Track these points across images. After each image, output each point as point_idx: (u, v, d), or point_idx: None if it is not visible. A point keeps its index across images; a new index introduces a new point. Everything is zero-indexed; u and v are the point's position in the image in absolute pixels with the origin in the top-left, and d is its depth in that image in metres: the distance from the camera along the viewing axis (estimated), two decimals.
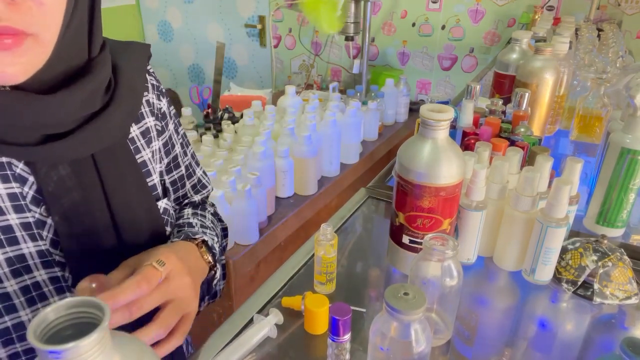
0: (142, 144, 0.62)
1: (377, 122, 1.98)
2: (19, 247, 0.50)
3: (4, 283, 0.49)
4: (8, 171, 0.50)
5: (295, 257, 0.76)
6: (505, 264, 0.74)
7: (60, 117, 0.48)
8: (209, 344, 0.59)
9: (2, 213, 0.49)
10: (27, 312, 0.50)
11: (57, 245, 0.52)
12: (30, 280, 0.51)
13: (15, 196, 0.50)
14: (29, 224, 0.51)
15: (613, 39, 1.57)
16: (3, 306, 0.49)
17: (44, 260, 0.51)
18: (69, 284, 0.53)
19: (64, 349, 0.32)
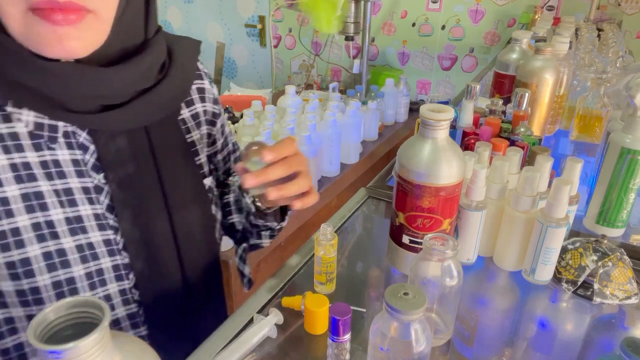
0: (192, 125, 0.69)
1: (377, 122, 1.98)
2: (77, 209, 0.55)
3: (61, 239, 0.54)
4: (72, 139, 0.55)
5: (295, 257, 0.76)
6: (505, 264, 0.74)
7: (117, 89, 0.54)
8: (209, 344, 0.59)
9: (65, 176, 0.54)
10: (79, 268, 0.55)
11: (111, 211, 0.57)
12: (85, 240, 0.55)
13: (78, 162, 0.56)
14: (88, 189, 0.56)
15: (613, 39, 1.57)
16: (59, 260, 0.53)
17: (99, 223, 0.56)
18: (120, 247, 0.58)
19: (64, 349, 0.32)
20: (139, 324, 0.62)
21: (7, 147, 0.52)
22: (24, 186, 0.52)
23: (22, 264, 0.52)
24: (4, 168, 0.51)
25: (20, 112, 0.52)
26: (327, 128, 1.58)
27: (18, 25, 0.47)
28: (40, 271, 0.52)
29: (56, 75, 0.50)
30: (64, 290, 0.54)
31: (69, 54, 0.49)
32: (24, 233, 0.52)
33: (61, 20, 0.46)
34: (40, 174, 0.53)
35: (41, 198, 0.53)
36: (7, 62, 0.49)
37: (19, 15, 0.46)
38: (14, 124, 0.52)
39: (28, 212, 0.52)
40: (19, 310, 0.53)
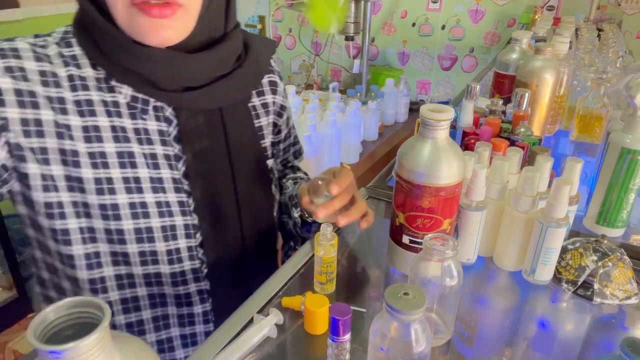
0: (261, 112, 0.78)
1: (377, 122, 1.98)
2: (160, 172, 0.65)
3: (144, 194, 0.64)
4: (160, 113, 0.66)
5: (295, 257, 0.76)
6: (505, 264, 0.74)
7: (198, 73, 0.65)
8: (209, 344, 0.59)
9: (152, 143, 0.65)
10: (156, 221, 0.65)
11: (186, 177, 0.67)
12: (164, 198, 0.65)
13: (162, 132, 0.66)
14: (169, 156, 0.66)
15: (613, 39, 1.57)
16: (141, 211, 0.63)
17: (176, 186, 0.66)
18: (191, 209, 0.67)
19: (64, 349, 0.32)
20: (200, 279, 0.70)
21: (110, 112, 0.63)
22: (119, 145, 0.63)
23: (112, 208, 0.62)
24: (106, 128, 0.62)
25: (121, 86, 0.63)
26: (327, 128, 1.58)
27: (122, 16, 0.57)
28: (126, 217, 0.63)
29: (151, 59, 0.60)
30: (143, 237, 0.64)
31: (163, 42, 0.59)
32: (115, 183, 0.62)
33: (157, 14, 0.56)
34: (133, 138, 0.64)
35: (132, 157, 0.63)
36: (114, 47, 0.60)
37: (123, 7, 0.56)
38: (116, 94, 0.63)
39: (121, 167, 0.62)
40: (106, 246, 0.63)
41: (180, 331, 0.71)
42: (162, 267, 0.66)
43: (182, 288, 0.69)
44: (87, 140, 0.61)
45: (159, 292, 0.68)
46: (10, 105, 0.57)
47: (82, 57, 0.62)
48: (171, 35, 0.59)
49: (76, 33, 0.63)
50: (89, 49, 0.62)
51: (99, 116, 0.62)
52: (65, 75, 0.61)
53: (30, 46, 0.60)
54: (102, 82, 0.63)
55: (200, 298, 0.71)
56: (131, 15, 0.57)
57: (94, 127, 0.61)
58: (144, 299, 0.68)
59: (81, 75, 0.62)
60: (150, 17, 0.56)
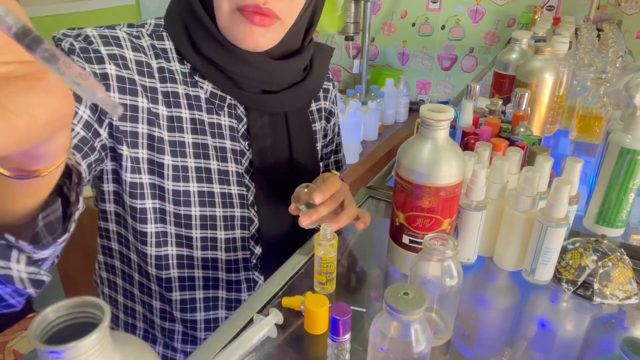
0: (316, 117, 0.83)
1: (377, 122, 1.98)
2: (227, 164, 0.70)
3: (213, 185, 0.69)
4: (233, 110, 0.71)
5: (295, 257, 0.76)
6: (505, 264, 0.74)
7: (278, 79, 0.70)
8: (208, 344, 0.59)
9: (223, 137, 0.70)
10: (220, 209, 0.70)
11: (248, 172, 0.72)
12: (228, 190, 0.70)
13: (233, 128, 0.71)
14: (237, 151, 0.71)
15: (613, 39, 1.57)
16: (208, 200, 0.68)
17: (239, 180, 0.71)
18: (249, 203, 0.73)
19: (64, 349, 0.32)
20: (249, 268, 0.76)
21: (192, 105, 0.67)
22: (197, 137, 0.67)
23: (184, 194, 0.67)
24: (187, 120, 0.67)
25: (203, 81, 0.68)
26: None
27: (225, 19, 0.62)
28: (194, 204, 0.67)
29: (244, 60, 0.65)
30: (207, 223, 0.69)
31: (256, 47, 0.64)
32: (190, 172, 0.67)
33: (258, 22, 0.61)
34: (208, 131, 0.68)
35: (206, 149, 0.68)
36: (209, 45, 0.65)
37: (228, 11, 0.61)
38: (198, 89, 0.68)
39: (195, 157, 0.67)
40: (173, 228, 0.68)
41: (227, 314, 0.77)
42: (219, 253, 0.72)
43: (233, 275, 0.75)
44: (170, 129, 0.66)
45: (213, 275, 0.73)
46: (114, 91, 0.61)
47: (172, 51, 0.67)
48: (264, 42, 0.64)
49: (168, 27, 0.67)
50: (181, 44, 0.66)
51: (182, 108, 0.67)
52: (156, 67, 0.65)
53: (128, 36, 0.64)
54: (187, 77, 0.68)
55: (247, 286, 0.77)
56: (234, 19, 0.61)
57: (178, 117, 0.66)
58: (199, 280, 0.73)
59: (169, 68, 0.66)
60: (251, 24, 0.61)
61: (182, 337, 0.77)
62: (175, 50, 0.67)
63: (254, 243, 0.75)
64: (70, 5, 2.17)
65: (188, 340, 0.77)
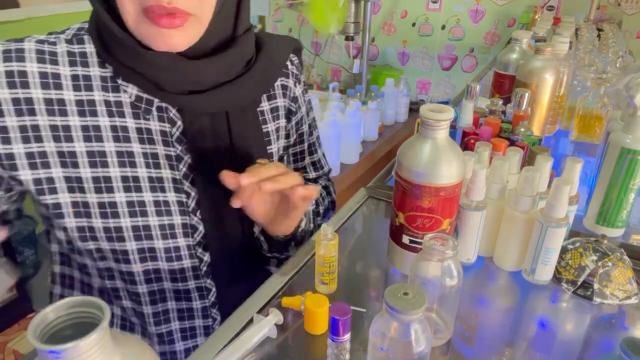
0: (270, 117, 0.77)
1: (377, 122, 1.98)
2: (160, 171, 0.66)
3: (142, 193, 0.65)
4: (164, 114, 0.66)
5: (295, 257, 0.76)
6: (505, 264, 0.74)
7: (202, 78, 0.64)
8: (209, 344, 0.59)
9: (154, 143, 0.65)
10: (154, 219, 0.66)
11: (187, 178, 0.67)
12: (163, 197, 0.66)
13: (165, 133, 0.66)
14: (171, 156, 0.66)
15: (613, 39, 1.57)
16: (139, 209, 0.64)
17: (176, 186, 0.67)
18: (189, 210, 0.68)
19: (63, 349, 0.32)
20: (199, 276, 0.71)
21: (112, 112, 0.63)
22: (120, 145, 0.63)
23: (110, 206, 0.63)
24: (107, 128, 0.63)
25: (127, 85, 0.63)
26: (327, 128, 1.58)
27: (132, 22, 0.57)
28: (124, 215, 0.64)
29: (155, 63, 0.61)
30: (141, 234, 0.65)
31: (171, 49, 0.59)
32: (114, 182, 0.63)
33: (166, 23, 0.56)
34: (135, 137, 0.64)
35: (132, 157, 0.64)
36: (120, 49, 0.60)
37: (134, 13, 0.56)
38: (121, 94, 0.64)
39: (120, 166, 0.63)
40: (106, 244, 0.65)
41: (180, 325, 0.73)
42: (161, 263, 0.68)
43: (181, 284, 0.71)
44: (87, 139, 0.62)
45: (159, 287, 0.70)
46: (9, 114, 0.58)
47: (92, 55, 0.63)
48: (180, 42, 0.59)
49: (91, 30, 0.64)
50: (100, 47, 0.63)
51: (100, 116, 0.63)
52: (69, 75, 0.62)
53: (36, 45, 0.61)
54: (109, 81, 0.64)
55: (199, 294, 0.72)
56: (141, 22, 0.57)
57: (95, 126, 0.62)
58: (144, 296, 0.69)
59: (86, 75, 0.63)
60: (159, 27, 0.56)
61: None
62: (96, 54, 0.63)
63: (202, 250, 0.70)
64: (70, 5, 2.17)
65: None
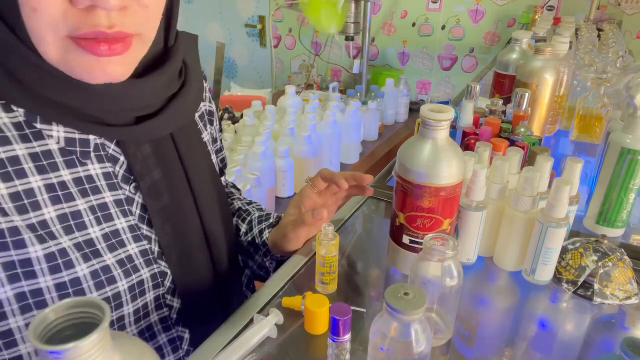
0: (201, 126, 0.69)
1: (377, 122, 1.98)
2: (114, 223, 0.54)
3: (103, 257, 0.52)
4: (102, 152, 0.54)
5: (295, 257, 0.76)
6: (505, 264, 0.74)
7: (149, 99, 0.54)
8: (209, 344, 0.59)
9: (99, 191, 0.53)
10: (123, 282, 0.54)
11: (143, 220, 0.57)
12: (125, 253, 0.54)
13: (109, 175, 0.55)
14: (121, 201, 0.55)
15: (613, 39, 1.57)
16: (105, 278, 0.52)
17: (134, 235, 0.56)
18: (155, 256, 0.57)
19: (64, 349, 0.32)
20: (170, 327, 0.62)
21: (43, 167, 0.50)
22: (60, 207, 0.50)
23: (72, 284, 0.50)
24: (41, 189, 0.49)
25: (50, 128, 0.50)
26: (327, 128, 1.58)
27: (54, 52, 0.45)
28: (90, 290, 0.51)
29: (91, 92, 0.48)
30: (111, 305, 0.53)
31: (112, 79, 0.48)
32: (70, 254, 0.50)
33: (106, 51, 0.45)
34: (76, 192, 0.52)
35: (79, 217, 0.51)
36: (36, 79, 0.47)
37: (56, 41, 0.44)
38: (46, 141, 0.50)
39: (68, 234, 0.50)
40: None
41: None
42: (129, 329, 0.56)
43: (150, 343, 0.60)
44: (21, 210, 0.48)
45: None
46: None
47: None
48: (121, 71, 0.48)
49: None
50: (2, 86, 0.47)
51: (30, 176, 0.49)
52: None
53: None
54: (25, 128, 0.49)
55: (172, 347, 0.63)
56: (68, 50, 0.45)
57: (27, 191, 0.48)
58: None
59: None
60: (96, 55, 0.45)
61: None
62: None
63: (171, 296, 0.60)
64: None
65: None
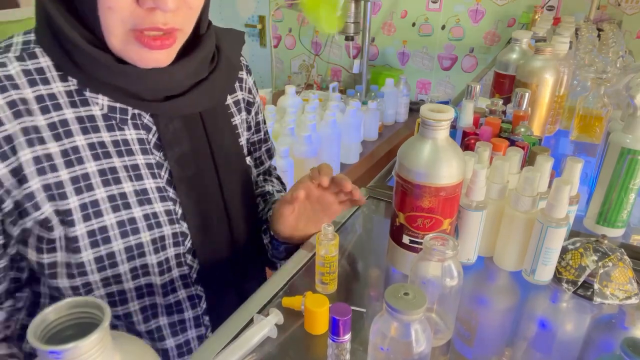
0: (234, 111, 0.76)
1: (377, 122, 1.98)
2: (143, 182, 0.62)
3: (132, 209, 0.61)
4: (138, 121, 0.63)
5: (295, 257, 0.76)
6: (506, 264, 0.74)
7: (179, 81, 0.62)
8: (209, 344, 0.59)
9: (132, 154, 0.62)
10: (146, 235, 0.62)
11: (170, 184, 0.65)
12: (151, 210, 0.63)
13: (142, 141, 0.63)
14: (151, 164, 0.64)
15: (613, 39, 1.57)
16: (130, 228, 0.61)
17: (161, 195, 0.64)
18: (178, 217, 0.65)
19: (64, 349, 0.32)
20: (190, 284, 0.69)
21: (87, 129, 0.59)
22: (100, 163, 0.59)
23: (101, 232, 0.59)
24: (84, 147, 0.59)
25: (97, 96, 0.60)
26: (327, 128, 1.58)
27: (119, 42, 0.55)
28: (115, 237, 0.60)
29: (132, 75, 0.58)
30: (134, 254, 0.62)
31: (158, 65, 0.58)
32: (101, 204, 0.59)
33: (158, 46, 0.55)
34: (113, 152, 0.61)
35: (115, 173, 0.60)
36: (89, 62, 0.56)
37: (122, 33, 0.54)
38: (91, 107, 0.60)
39: (105, 186, 0.59)
40: (96, 275, 0.60)
41: (175, 341, 0.70)
42: (153, 278, 0.64)
43: (172, 296, 0.68)
44: (68, 165, 0.57)
45: (151, 302, 0.66)
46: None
47: (50, 69, 0.58)
48: (166, 59, 0.58)
49: (42, 41, 0.58)
50: (59, 58, 0.57)
51: (76, 135, 0.58)
52: (33, 97, 0.56)
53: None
54: (75, 95, 0.59)
55: (191, 304, 0.70)
56: (129, 43, 0.55)
57: (73, 148, 0.58)
58: (136, 314, 0.66)
59: (50, 93, 0.57)
60: (149, 49, 0.55)
61: None
62: (55, 67, 0.58)
63: (192, 257, 0.68)
64: None
65: None
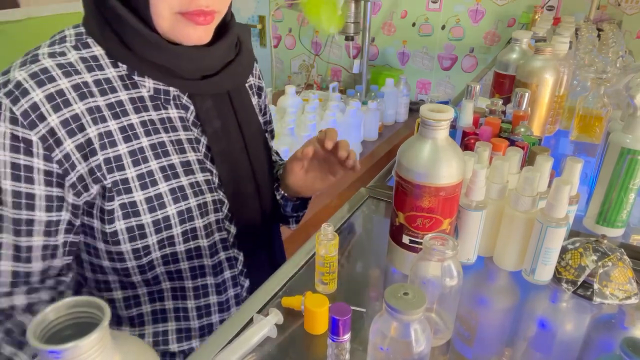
0: (252, 93, 0.86)
1: (377, 122, 1.98)
2: (187, 155, 0.71)
3: (180, 178, 0.69)
4: (178, 101, 0.71)
5: (295, 257, 0.76)
6: (505, 264, 0.74)
7: (214, 62, 0.72)
8: (208, 344, 0.59)
9: (176, 130, 0.71)
10: (193, 201, 0.70)
11: (207, 157, 0.74)
12: (194, 179, 0.71)
13: (183, 119, 0.72)
14: (191, 139, 0.72)
15: (613, 39, 1.57)
16: (181, 194, 0.69)
17: (201, 167, 0.72)
18: (216, 186, 0.74)
19: (64, 349, 0.32)
20: (228, 247, 0.77)
21: (139, 108, 0.67)
22: (151, 138, 0.67)
23: (157, 198, 0.67)
24: (138, 124, 0.67)
25: (143, 80, 0.68)
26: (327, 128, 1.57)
27: (166, 24, 0.63)
28: (169, 203, 0.68)
29: (180, 55, 0.66)
30: (185, 217, 0.69)
31: (198, 42, 0.66)
32: (156, 174, 0.67)
33: (202, 21, 0.64)
34: (161, 128, 0.69)
35: (164, 147, 0.69)
36: (143, 45, 0.64)
37: (169, 15, 0.62)
38: (140, 89, 0.68)
39: (157, 158, 0.68)
40: (154, 238, 0.67)
41: (218, 299, 0.78)
42: (201, 241, 0.72)
43: (215, 258, 0.75)
44: (126, 140, 0.65)
45: (199, 264, 0.74)
46: (64, 139, 0.61)
47: (102, 57, 0.66)
48: (206, 36, 0.67)
49: (94, 32, 0.66)
50: (111, 47, 0.65)
51: (131, 114, 0.66)
52: (92, 81, 0.64)
53: (53, 61, 0.62)
54: (126, 79, 0.67)
55: (229, 264, 0.78)
56: (176, 22, 0.63)
57: (130, 125, 0.66)
58: (185, 272, 0.73)
59: (106, 78, 0.65)
60: (195, 25, 0.63)
61: (176, 335, 0.76)
62: (107, 55, 0.66)
63: (229, 223, 0.76)
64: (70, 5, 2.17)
65: (183, 338, 0.77)
